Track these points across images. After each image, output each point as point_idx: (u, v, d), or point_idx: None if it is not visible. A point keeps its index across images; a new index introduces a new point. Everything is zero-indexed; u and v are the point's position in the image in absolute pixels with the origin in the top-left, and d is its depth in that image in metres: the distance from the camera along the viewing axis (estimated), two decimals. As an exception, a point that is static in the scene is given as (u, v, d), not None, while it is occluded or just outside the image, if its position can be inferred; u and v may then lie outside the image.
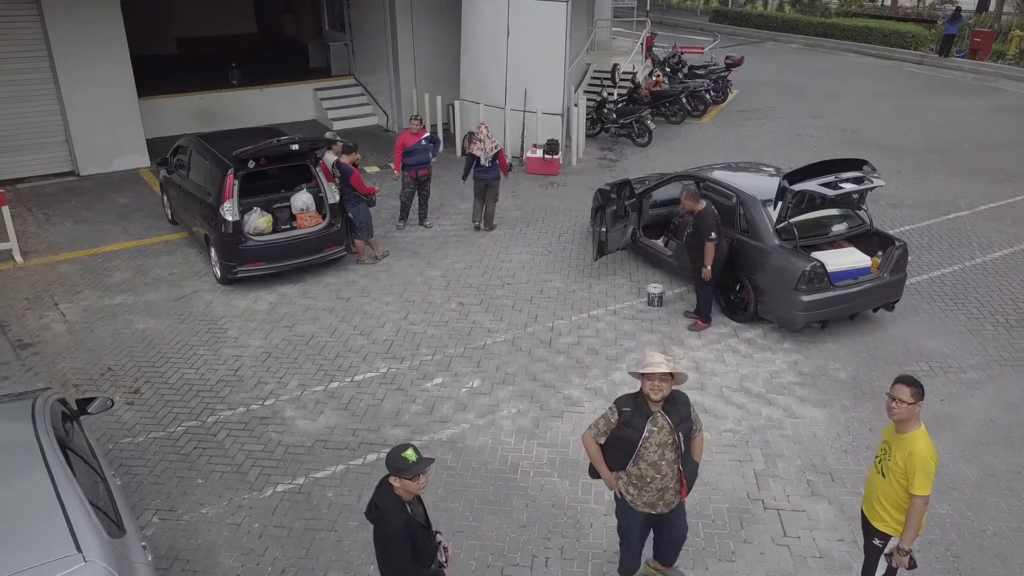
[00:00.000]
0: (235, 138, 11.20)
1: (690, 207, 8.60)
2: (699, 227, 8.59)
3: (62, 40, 13.97)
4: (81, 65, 14.18)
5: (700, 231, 8.59)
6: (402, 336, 8.95)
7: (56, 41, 13.93)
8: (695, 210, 8.57)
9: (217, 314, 9.49)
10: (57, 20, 13.82)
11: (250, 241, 9.79)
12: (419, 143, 11.58)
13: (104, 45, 14.33)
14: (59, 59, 14.01)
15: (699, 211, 8.54)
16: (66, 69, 14.12)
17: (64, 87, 14.22)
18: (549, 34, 14.75)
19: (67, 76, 14.16)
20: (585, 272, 10.54)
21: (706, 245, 8.53)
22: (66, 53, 14.03)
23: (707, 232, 8.50)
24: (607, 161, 15.67)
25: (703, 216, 8.53)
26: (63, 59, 14.04)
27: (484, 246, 11.48)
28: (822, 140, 17.18)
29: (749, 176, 10.09)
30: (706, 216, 8.52)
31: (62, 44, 13.98)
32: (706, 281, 8.74)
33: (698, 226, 8.60)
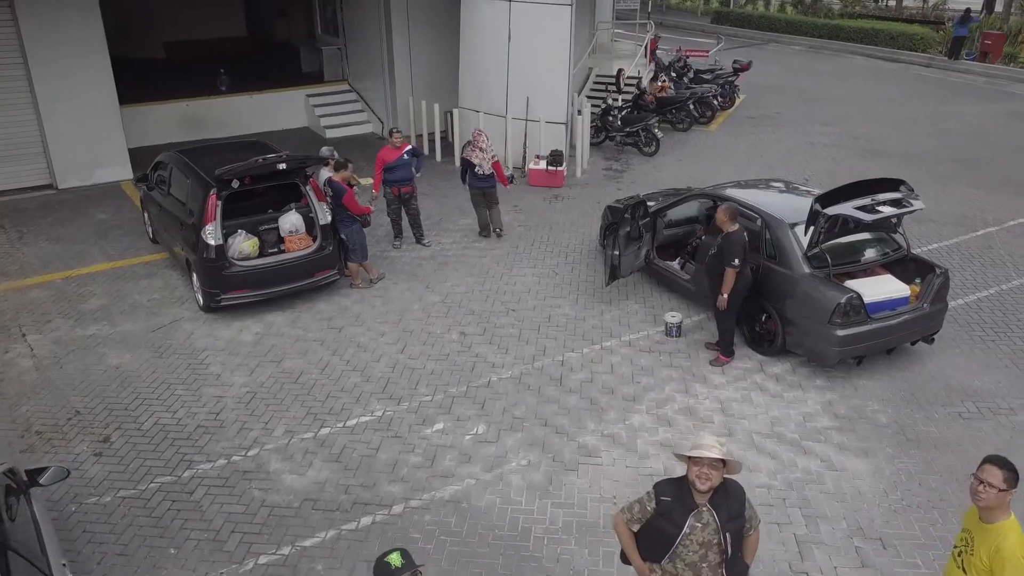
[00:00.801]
0: (219, 153, 10.48)
1: (722, 224, 7.88)
2: (723, 249, 7.88)
3: (38, 46, 13.19)
4: (59, 72, 13.41)
5: (723, 254, 7.88)
6: (399, 372, 8.22)
7: (31, 47, 13.15)
8: (726, 230, 7.85)
9: (198, 347, 8.75)
10: (32, 25, 13.04)
11: (234, 267, 9.05)
12: (401, 158, 10.85)
13: (83, 51, 13.55)
14: (35, 66, 13.24)
15: (729, 232, 7.82)
16: (43, 76, 13.35)
17: (41, 95, 13.45)
18: (552, 39, 14.03)
19: (44, 84, 13.40)
20: (596, 297, 9.82)
21: (727, 271, 7.83)
22: (42, 60, 13.26)
23: (730, 256, 7.79)
24: (613, 172, 14.95)
25: (731, 239, 7.81)
26: (39, 66, 13.27)
27: (486, 267, 10.75)
28: (835, 149, 16.49)
29: (773, 195, 9.39)
30: (734, 239, 7.80)
31: (38, 50, 13.21)
32: (727, 311, 8.03)
33: (723, 248, 7.89)
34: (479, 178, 11.33)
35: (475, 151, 11.32)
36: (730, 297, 7.89)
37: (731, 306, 8.06)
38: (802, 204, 8.81)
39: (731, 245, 7.82)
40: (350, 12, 18.02)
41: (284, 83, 18.36)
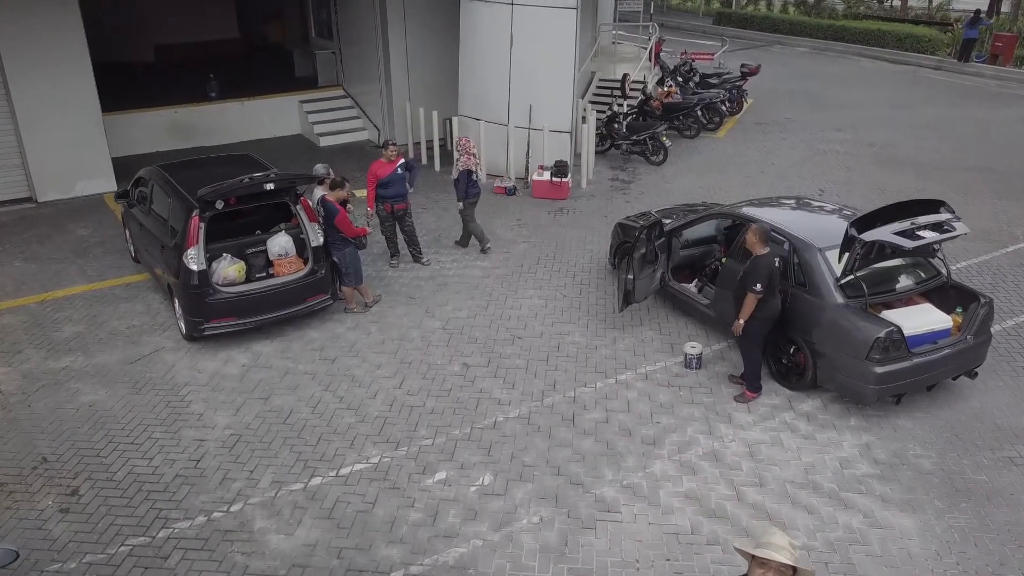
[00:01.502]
0: (203, 169, 9.84)
1: (752, 246, 7.23)
2: (748, 273, 7.24)
3: (15, 52, 12.52)
4: (38, 79, 12.73)
5: (747, 277, 7.24)
6: (397, 411, 7.56)
7: (8, 53, 12.48)
8: (756, 253, 7.20)
9: (179, 381, 8.08)
10: (9, 30, 12.36)
11: (219, 293, 8.39)
12: (394, 172, 10.19)
13: (64, 57, 12.88)
14: (12, 73, 12.57)
15: (758, 255, 7.18)
16: (20, 84, 12.68)
17: (18, 104, 12.77)
18: (557, 44, 13.39)
19: (22, 92, 12.72)
20: (607, 322, 9.18)
21: (747, 295, 7.19)
22: (20, 66, 12.58)
23: (752, 280, 7.15)
24: (620, 183, 14.30)
25: (758, 262, 7.17)
26: (17, 73, 12.60)
27: (489, 288, 10.10)
28: (849, 157, 15.85)
29: (799, 215, 8.75)
30: (761, 264, 7.16)
31: (15, 56, 12.54)
32: (752, 342, 7.40)
33: (748, 272, 7.25)
34: (474, 185, 10.79)
35: (471, 158, 10.70)
36: (752, 325, 7.26)
37: (756, 336, 7.43)
38: (832, 225, 8.21)
39: (756, 269, 7.18)
40: (345, 14, 17.36)
41: (277, 89, 17.69)
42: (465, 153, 10.74)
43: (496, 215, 12.69)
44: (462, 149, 10.80)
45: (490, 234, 11.87)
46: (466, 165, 10.66)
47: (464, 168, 10.67)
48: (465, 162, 10.68)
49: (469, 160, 10.69)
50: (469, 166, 10.67)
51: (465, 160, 10.69)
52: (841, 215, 8.54)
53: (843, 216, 8.55)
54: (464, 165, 10.66)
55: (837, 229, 7.94)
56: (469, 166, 10.67)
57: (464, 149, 10.78)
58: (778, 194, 13.46)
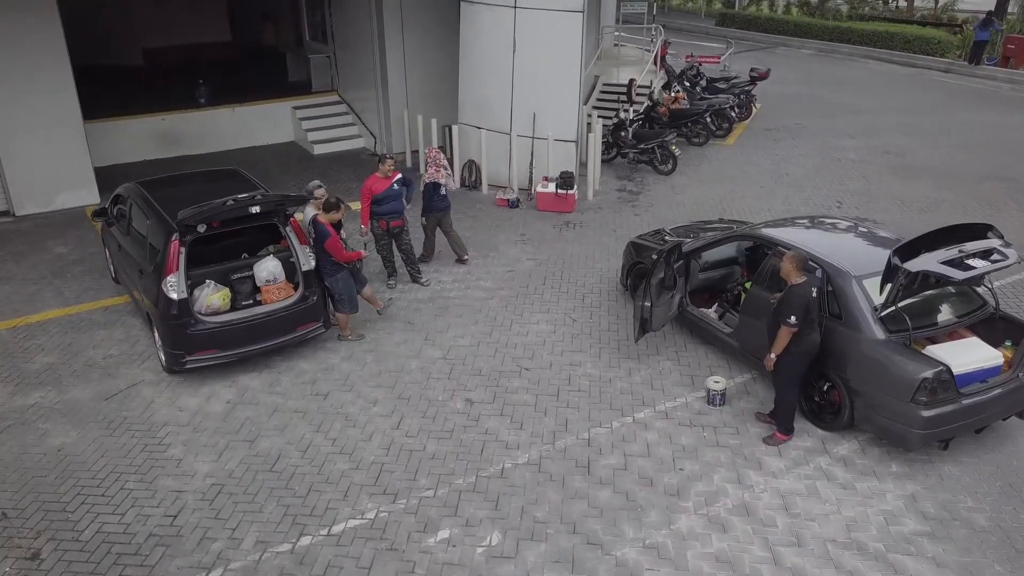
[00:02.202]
0: (186, 185, 9.23)
1: (787, 275, 6.59)
2: (782, 303, 6.60)
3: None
4: (14, 87, 12.06)
5: (780, 308, 6.60)
6: (394, 455, 6.91)
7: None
8: (791, 282, 6.57)
9: (158, 420, 7.42)
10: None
11: (202, 323, 7.72)
12: (390, 188, 9.54)
13: (43, 63, 12.20)
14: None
15: (793, 284, 6.54)
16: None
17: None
18: (562, 49, 12.74)
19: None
20: (621, 351, 8.53)
21: (781, 328, 6.55)
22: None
23: (787, 312, 6.51)
24: (628, 194, 13.66)
25: (792, 292, 6.53)
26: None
27: (493, 312, 9.45)
28: (865, 165, 15.22)
29: (831, 237, 8.09)
30: (796, 294, 6.52)
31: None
32: (785, 380, 6.76)
33: (782, 302, 6.61)
34: (443, 199, 10.25)
35: (440, 170, 10.11)
36: (786, 361, 6.63)
37: (790, 374, 6.79)
38: (867, 250, 7.62)
39: (791, 299, 6.54)
40: (340, 17, 16.68)
41: (269, 94, 17.01)
42: (434, 165, 10.16)
43: (499, 229, 12.05)
44: (431, 160, 10.21)
45: (492, 250, 11.27)
46: (432, 177, 10.10)
47: (430, 180, 10.10)
48: (432, 174, 10.09)
49: (437, 173, 10.11)
50: (437, 179, 10.09)
51: (432, 172, 10.10)
52: (876, 238, 7.92)
53: (877, 238, 7.93)
54: (431, 177, 10.10)
55: (873, 254, 7.37)
56: (437, 179, 10.09)
57: (433, 160, 10.20)
58: (795, 206, 12.91)
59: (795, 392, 6.90)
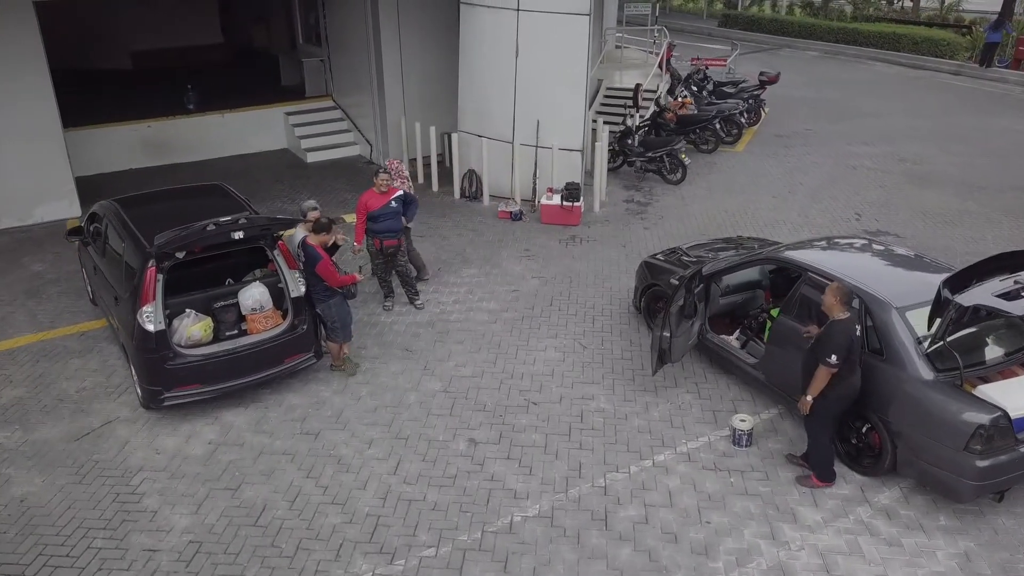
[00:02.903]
0: (165, 203, 8.61)
1: (830, 309, 5.97)
2: (822, 340, 5.97)
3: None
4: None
5: (820, 345, 5.97)
6: (391, 507, 6.27)
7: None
8: (834, 316, 5.95)
9: (133, 465, 6.78)
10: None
11: (181, 357, 7.08)
12: (387, 205, 8.89)
13: (19, 70, 11.57)
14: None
15: (836, 320, 5.92)
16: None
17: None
18: (567, 53, 12.12)
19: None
20: (636, 383, 7.91)
21: (819, 368, 5.93)
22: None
23: (826, 350, 5.89)
24: (636, 205, 13.03)
25: (835, 329, 5.91)
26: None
27: (497, 337, 8.82)
28: (882, 174, 14.61)
29: (866, 262, 7.46)
30: (838, 331, 5.91)
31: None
32: (820, 424, 6.15)
33: (822, 339, 5.98)
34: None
35: (405, 182, 9.48)
36: (823, 404, 6.03)
37: (825, 418, 6.18)
38: (907, 277, 7.03)
39: (832, 336, 5.92)
40: (334, 19, 16.03)
41: (261, 99, 16.35)
42: (399, 177, 9.49)
43: (502, 244, 11.42)
44: (395, 172, 9.51)
45: (495, 266, 10.66)
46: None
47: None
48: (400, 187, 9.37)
49: (404, 184, 9.44)
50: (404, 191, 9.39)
51: (400, 184, 9.39)
52: (915, 262, 7.31)
53: (917, 262, 7.32)
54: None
55: (914, 281, 6.80)
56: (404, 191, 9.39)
57: (396, 172, 9.54)
58: (811, 217, 12.32)
59: (829, 437, 6.28)
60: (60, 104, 12.16)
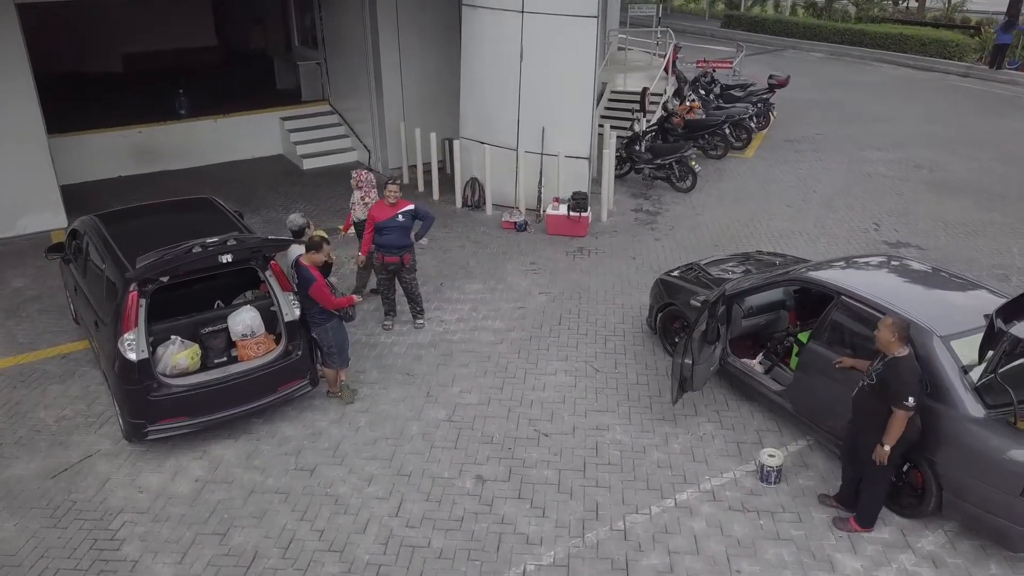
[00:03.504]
0: (150, 217, 8.10)
1: (886, 345, 5.45)
2: (890, 381, 5.41)
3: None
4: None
5: (890, 388, 5.41)
6: (393, 554, 5.77)
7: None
8: (892, 353, 5.44)
9: (113, 505, 6.27)
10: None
11: (166, 387, 6.56)
12: (393, 219, 8.37)
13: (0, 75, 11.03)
14: (-63, 94, 10.73)
15: (897, 357, 5.42)
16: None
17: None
18: (574, 57, 11.62)
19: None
20: (654, 411, 7.41)
21: (896, 413, 5.38)
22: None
23: (903, 393, 5.32)
24: (645, 215, 12.54)
25: (902, 367, 5.39)
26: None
27: (503, 359, 8.33)
28: (898, 181, 14.13)
29: (901, 284, 6.96)
30: (907, 369, 5.39)
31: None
32: (881, 470, 5.62)
33: (888, 380, 5.43)
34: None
35: (372, 192, 8.97)
36: (893, 449, 5.51)
37: (888, 464, 5.64)
38: (951, 301, 6.52)
39: (902, 376, 5.36)
40: (331, 21, 15.52)
41: (255, 104, 15.83)
42: (371, 187, 8.95)
43: (507, 257, 10.93)
44: (364, 183, 8.94)
45: (500, 281, 10.19)
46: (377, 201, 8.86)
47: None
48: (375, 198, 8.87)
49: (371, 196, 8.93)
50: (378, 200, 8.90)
51: (374, 195, 8.90)
52: (955, 283, 6.81)
53: (956, 283, 6.82)
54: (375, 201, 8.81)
55: (957, 306, 6.32)
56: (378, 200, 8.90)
57: (367, 183, 8.97)
58: (828, 227, 11.86)
59: (886, 484, 5.77)
60: (45, 109, 11.64)
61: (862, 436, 5.64)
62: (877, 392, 5.47)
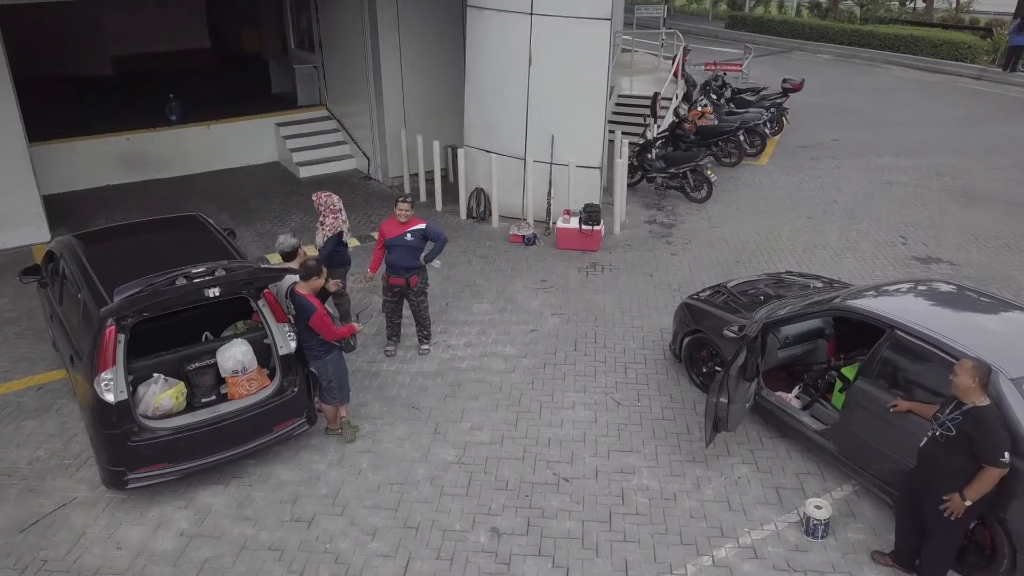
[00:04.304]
0: (132, 238, 7.46)
1: (964, 392, 4.82)
2: (975, 435, 4.76)
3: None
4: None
5: (978, 442, 4.76)
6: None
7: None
8: (972, 401, 4.82)
9: (87, 565, 5.63)
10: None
11: (148, 431, 5.93)
12: (401, 237, 7.74)
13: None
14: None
15: (979, 407, 4.80)
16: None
17: (-80, 139, 10.29)
18: (586, 62, 11.01)
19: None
20: (682, 450, 6.80)
21: (988, 470, 4.75)
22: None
23: (997, 449, 4.70)
24: (659, 227, 11.92)
25: (988, 418, 4.76)
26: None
27: (516, 390, 7.71)
28: (921, 190, 13.54)
29: (961, 314, 6.32)
30: (992, 419, 4.77)
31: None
32: (955, 527, 5.01)
33: (972, 433, 4.78)
34: (346, 253, 8.37)
35: (335, 217, 8.16)
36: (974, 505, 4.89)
37: (965, 520, 5.00)
38: (1017, 336, 5.86)
39: (992, 428, 4.73)
40: (328, 22, 14.88)
41: (249, 109, 15.18)
42: (330, 212, 8.13)
43: (516, 273, 10.32)
44: (324, 207, 8.13)
45: (510, 301, 9.59)
46: (334, 228, 8.12)
47: (334, 232, 8.10)
48: (333, 224, 8.11)
49: (336, 220, 8.14)
50: (339, 227, 8.17)
51: (331, 221, 8.10)
52: (1011, 310, 6.20)
53: (1013, 312, 6.20)
54: (332, 228, 8.10)
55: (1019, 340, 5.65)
56: (339, 227, 8.17)
57: (327, 207, 8.13)
58: (853, 241, 11.30)
59: (958, 542, 5.16)
60: (27, 115, 11.01)
61: (931, 490, 5.01)
62: (955, 444, 4.84)
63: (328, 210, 8.18)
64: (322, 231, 8.17)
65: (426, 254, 7.92)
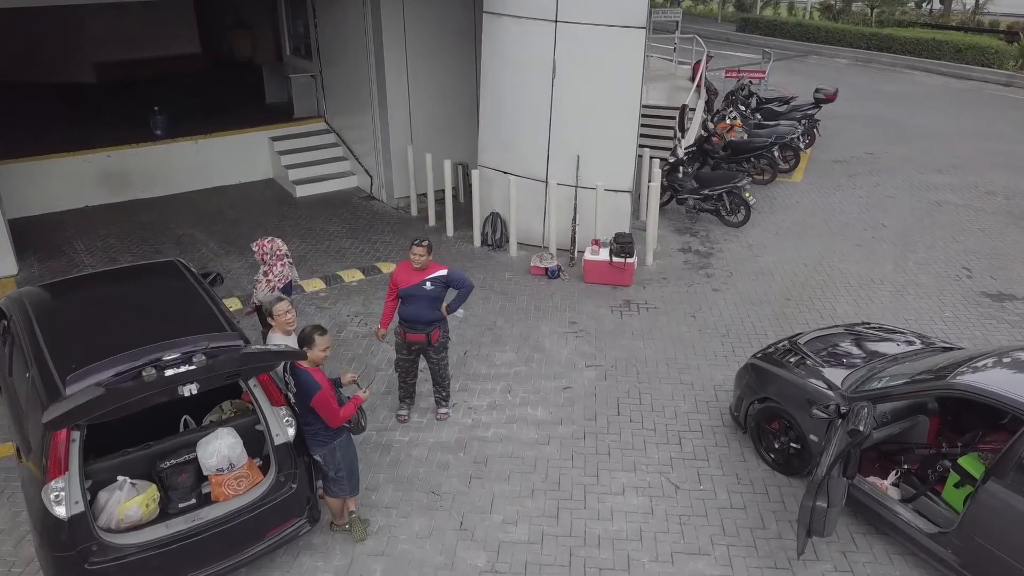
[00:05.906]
0: (96, 292, 6.25)
1: None
2: None
3: None
4: None
5: None
6: None
7: None
8: None
9: None
10: None
11: (111, 549, 4.73)
12: (419, 286, 6.57)
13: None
14: None
15: None
16: None
17: None
18: (617, 75, 9.85)
19: None
20: (760, 551, 5.65)
21: None
22: None
23: None
24: (696, 256, 10.77)
25: None
26: None
27: (554, 467, 6.55)
28: (973, 212, 12.42)
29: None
30: None
31: None
32: None
33: None
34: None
35: (283, 264, 7.10)
36: None
37: None
38: None
39: None
40: (326, 28, 13.68)
41: (242, 122, 13.97)
42: (276, 259, 7.04)
43: (540, 313, 9.16)
44: (270, 255, 7.02)
45: (537, 349, 8.44)
46: (283, 277, 7.06)
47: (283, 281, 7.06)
48: (281, 272, 7.05)
49: (284, 267, 7.09)
50: (287, 276, 7.12)
51: (281, 269, 7.05)
52: None
53: None
54: (280, 278, 7.04)
55: None
56: (287, 276, 7.12)
57: (272, 253, 7.07)
58: (912, 274, 10.25)
59: None
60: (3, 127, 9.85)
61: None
62: None
63: (274, 257, 7.03)
64: (266, 283, 6.98)
65: (449, 303, 6.74)
